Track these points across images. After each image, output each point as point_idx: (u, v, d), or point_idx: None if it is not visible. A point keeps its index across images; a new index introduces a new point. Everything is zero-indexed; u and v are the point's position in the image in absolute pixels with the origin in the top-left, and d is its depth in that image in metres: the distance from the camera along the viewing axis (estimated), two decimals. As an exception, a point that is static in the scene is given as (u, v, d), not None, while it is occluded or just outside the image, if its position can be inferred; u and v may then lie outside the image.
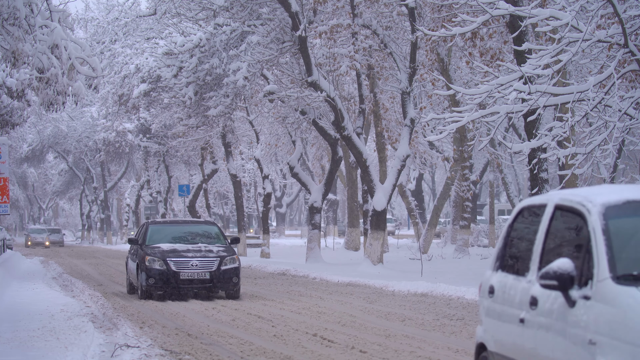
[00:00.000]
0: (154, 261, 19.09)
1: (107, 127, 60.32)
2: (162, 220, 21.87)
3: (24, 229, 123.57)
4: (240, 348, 12.08)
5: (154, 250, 19.47)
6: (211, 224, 21.50)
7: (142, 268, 19.20)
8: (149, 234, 20.36)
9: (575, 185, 28.93)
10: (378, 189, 27.30)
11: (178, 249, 19.51)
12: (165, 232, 20.53)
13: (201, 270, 19.12)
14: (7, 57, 15.20)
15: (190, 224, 21.48)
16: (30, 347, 11.46)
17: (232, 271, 19.28)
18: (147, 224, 21.01)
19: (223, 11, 30.45)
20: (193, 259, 19.17)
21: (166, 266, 19.04)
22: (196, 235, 20.59)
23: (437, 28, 23.15)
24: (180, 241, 20.08)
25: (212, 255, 19.32)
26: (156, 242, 20.02)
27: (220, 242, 20.32)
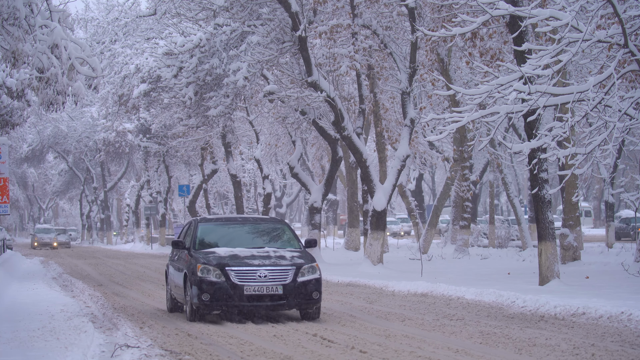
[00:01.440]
0: (209, 271, 14.67)
1: (107, 127, 60.33)
2: (214, 217, 16.94)
3: (24, 229, 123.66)
4: (240, 348, 12.08)
5: (208, 257, 14.98)
6: (279, 222, 16.85)
7: (193, 280, 14.74)
8: (199, 236, 15.89)
9: (576, 186, 28.93)
10: (378, 189, 27.30)
11: (240, 254, 15.02)
12: (220, 232, 16.21)
13: (272, 283, 14.64)
14: (7, 57, 15.20)
15: (252, 222, 16.84)
16: (30, 347, 11.45)
17: (311, 284, 14.87)
18: (195, 223, 16.52)
19: (223, 11, 30.44)
20: (261, 267, 14.69)
21: (225, 278, 14.57)
22: (261, 237, 16.28)
23: (437, 28, 23.16)
24: (241, 244, 15.68)
25: (285, 263, 14.88)
26: (209, 245, 15.63)
27: (293, 245, 15.93)
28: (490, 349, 11.86)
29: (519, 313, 15.88)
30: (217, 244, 15.71)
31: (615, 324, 14.05)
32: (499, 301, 17.39)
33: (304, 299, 14.80)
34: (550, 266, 19.94)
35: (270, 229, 16.54)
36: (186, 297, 15.15)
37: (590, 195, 75.66)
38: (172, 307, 16.82)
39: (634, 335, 12.99)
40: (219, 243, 15.74)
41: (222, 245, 15.56)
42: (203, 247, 15.57)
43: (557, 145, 16.75)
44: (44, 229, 67.55)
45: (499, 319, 15.08)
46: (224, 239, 15.88)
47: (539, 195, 19.84)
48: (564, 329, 13.66)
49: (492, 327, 13.88)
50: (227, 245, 15.59)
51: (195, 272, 14.75)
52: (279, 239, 16.16)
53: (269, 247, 15.57)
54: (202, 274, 14.68)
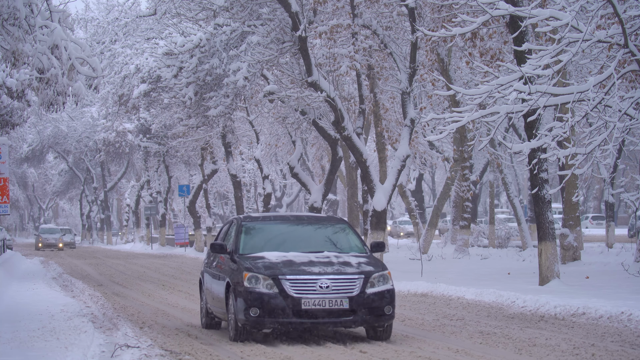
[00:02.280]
0: (258, 280, 12.17)
1: (107, 127, 60.34)
2: (260, 216, 14.45)
3: (24, 229, 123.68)
4: (240, 348, 12.08)
5: (256, 263, 12.49)
6: (338, 221, 14.30)
7: (239, 292, 12.26)
8: (244, 237, 13.42)
9: (576, 186, 28.93)
10: (378, 189, 27.30)
11: (295, 260, 12.54)
12: (269, 233, 13.71)
13: (335, 296, 12.10)
14: (7, 57, 15.20)
15: (307, 221, 14.33)
16: (30, 348, 11.45)
17: (383, 296, 12.34)
18: (238, 222, 13.92)
19: (223, 11, 30.43)
20: (322, 276, 12.17)
21: (278, 289, 12.07)
22: (318, 238, 13.67)
23: (437, 28, 23.16)
24: (295, 247, 13.18)
25: (351, 271, 12.35)
26: (257, 249, 13.17)
27: (357, 248, 13.43)
28: (490, 349, 11.87)
29: (519, 313, 15.88)
30: (266, 247, 13.16)
31: (615, 324, 14.06)
32: (499, 301, 17.39)
33: (375, 314, 12.22)
34: (550, 266, 19.94)
35: (328, 229, 13.85)
36: (228, 312, 12.64)
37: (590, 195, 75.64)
38: (208, 323, 14.29)
39: (634, 335, 12.99)
40: (268, 246, 13.17)
41: (271, 249, 13.02)
42: (249, 251, 13.03)
43: (557, 145, 16.74)
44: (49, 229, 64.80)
45: (499, 319, 15.09)
46: (274, 242, 13.31)
47: (539, 195, 19.84)
48: (564, 329, 13.66)
49: (492, 327, 13.88)
50: (278, 248, 13.04)
51: (241, 281, 12.21)
52: (340, 241, 13.54)
53: (329, 251, 13.01)
54: (249, 284, 12.12)
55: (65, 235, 64.11)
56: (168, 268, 33.87)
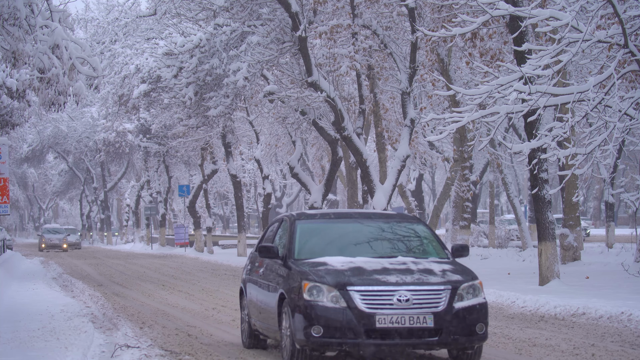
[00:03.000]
0: (321, 292, 9.89)
1: (107, 127, 60.35)
2: (317, 213, 12.05)
3: (24, 229, 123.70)
4: (240, 348, 12.08)
5: (318, 271, 10.22)
6: (411, 219, 11.84)
7: (297, 306, 10.01)
8: (299, 239, 11.14)
9: (576, 186, 28.93)
10: (378, 190, 27.30)
11: (365, 267, 10.24)
12: (329, 233, 11.41)
13: (417, 311, 9.82)
14: (7, 57, 15.20)
15: (374, 219, 11.69)
16: (30, 348, 11.46)
17: (475, 312, 10.06)
18: (291, 220, 11.55)
19: (223, 11, 30.44)
20: (400, 287, 9.87)
21: (346, 302, 9.80)
22: (389, 240, 11.32)
23: (437, 28, 23.16)
24: (362, 251, 10.89)
25: (435, 281, 10.07)
26: (315, 253, 10.87)
27: (436, 252, 11.10)
28: (490, 349, 11.87)
29: (519, 313, 15.88)
30: (327, 250, 10.88)
31: (615, 324, 14.06)
32: (499, 301, 17.39)
33: (464, 334, 9.96)
34: (550, 266, 19.94)
35: (400, 229, 11.53)
36: (282, 330, 10.45)
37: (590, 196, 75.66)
38: (251, 343, 12.17)
39: (634, 335, 13.00)
40: (329, 250, 10.91)
41: (333, 253, 10.76)
42: (306, 256, 10.76)
43: (557, 146, 16.75)
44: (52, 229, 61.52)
45: (499, 319, 15.09)
46: (335, 244, 11.08)
47: (539, 196, 19.85)
48: (564, 329, 13.67)
49: (492, 327, 13.89)
50: (342, 252, 10.78)
51: (300, 293, 9.94)
52: (416, 244, 11.29)
53: (404, 256, 10.76)
54: (310, 297, 9.86)
55: (70, 235, 61.39)
56: (168, 268, 33.88)
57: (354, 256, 10.64)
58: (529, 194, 38.82)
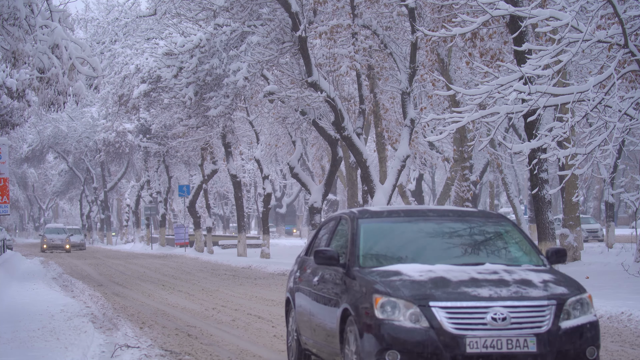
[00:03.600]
0: (397, 308, 8.03)
1: (107, 127, 60.38)
2: (384, 210, 9.90)
3: (24, 229, 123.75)
4: (240, 348, 12.08)
5: (390, 282, 8.29)
6: (496, 218, 9.67)
7: (366, 325, 8.10)
8: (364, 242, 9.15)
9: (576, 186, 28.94)
10: (378, 190, 27.30)
11: (448, 277, 8.31)
12: (401, 235, 9.35)
13: (517, 333, 7.92)
14: (7, 57, 15.21)
15: (451, 218, 9.59)
16: (30, 348, 11.45)
17: (585, 334, 8.21)
18: (352, 219, 9.53)
19: (223, 11, 30.45)
20: (494, 302, 7.99)
21: (429, 321, 7.93)
22: (472, 244, 9.31)
23: (437, 28, 23.16)
24: (441, 257, 8.93)
25: (537, 294, 8.16)
26: (385, 259, 8.95)
27: (529, 259, 9.11)
28: None
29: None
30: (399, 256, 8.94)
31: (615, 324, 14.06)
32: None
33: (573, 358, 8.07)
34: (550, 266, 19.92)
35: (484, 230, 9.45)
36: (345, 353, 8.58)
37: (590, 196, 75.66)
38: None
39: (634, 335, 12.99)
40: (401, 255, 8.97)
41: (407, 259, 8.85)
42: (374, 263, 8.84)
43: (557, 146, 16.75)
44: (55, 228, 58.56)
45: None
46: (409, 248, 9.10)
47: (539, 196, 19.85)
48: (564, 329, 13.65)
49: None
50: (417, 258, 8.85)
51: (370, 309, 8.06)
52: (504, 248, 9.25)
53: (493, 263, 8.79)
54: (383, 314, 7.98)
55: (73, 235, 58.72)
56: (168, 268, 33.88)
57: (432, 263, 8.66)
58: (529, 194, 38.82)
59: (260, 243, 49.63)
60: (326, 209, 70.71)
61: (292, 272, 10.88)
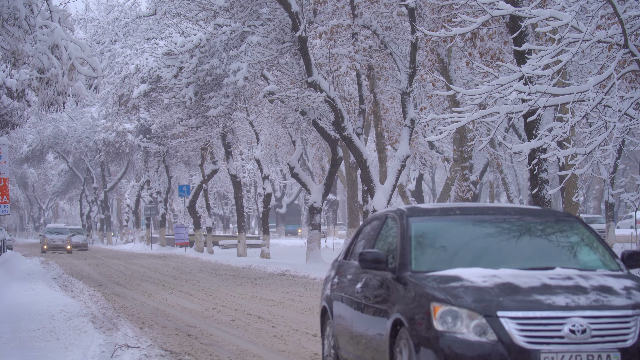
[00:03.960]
0: (460, 319, 7.08)
1: (107, 127, 60.39)
2: (436, 208, 8.82)
3: (24, 229, 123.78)
4: (240, 348, 12.08)
5: (451, 288, 7.34)
6: (564, 216, 8.68)
7: (423, 338, 7.17)
8: (416, 244, 8.14)
9: (576, 186, 28.95)
10: (378, 190, 27.30)
11: (517, 283, 7.35)
12: (457, 236, 8.34)
13: (598, 347, 6.99)
14: (7, 57, 15.21)
15: (513, 217, 8.54)
16: (31, 348, 11.45)
17: None
18: (401, 218, 8.47)
19: (223, 11, 30.46)
20: (572, 312, 7.05)
21: (497, 334, 6.97)
22: (539, 246, 8.27)
23: (437, 28, 23.15)
24: (505, 261, 7.94)
25: (619, 303, 7.20)
26: (441, 263, 7.94)
27: (603, 262, 8.15)
28: None
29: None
30: (457, 259, 7.94)
31: None
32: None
33: None
34: (550, 266, 19.90)
35: (552, 230, 8.37)
36: None
37: (590, 196, 75.70)
38: None
39: (634, 335, 12.98)
40: (459, 258, 7.96)
41: (466, 263, 7.82)
42: (429, 267, 7.81)
43: (557, 146, 16.74)
44: (56, 228, 56.44)
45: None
46: (468, 250, 8.09)
47: (539, 196, 19.84)
48: (564, 329, 13.65)
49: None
50: (478, 262, 7.84)
51: (428, 320, 7.10)
52: (575, 250, 8.26)
53: (564, 267, 7.82)
54: (444, 325, 7.02)
55: (75, 235, 56.90)
56: (168, 268, 33.88)
57: (496, 267, 7.68)
58: (529, 194, 38.83)
59: (260, 243, 49.64)
60: (326, 209, 70.74)
61: (327, 278, 9.84)
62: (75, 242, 56.00)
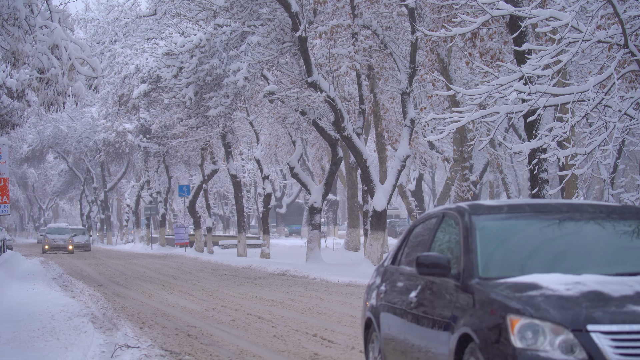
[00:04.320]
0: (542, 334, 5.93)
1: (107, 127, 60.40)
2: (503, 204, 7.64)
3: (24, 229, 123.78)
4: (240, 348, 12.07)
5: (528, 298, 6.14)
6: None
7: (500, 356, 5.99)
8: (482, 246, 7.04)
9: (576, 186, 28.93)
10: (378, 190, 27.30)
11: (605, 291, 6.19)
12: (529, 237, 7.23)
13: None
14: (7, 57, 15.21)
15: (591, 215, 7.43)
16: (31, 348, 11.45)
17: None
18: (463, 216, 7.38)
19: (223, 11, 30.47)
20: None
21: (588, 353, 5.82)
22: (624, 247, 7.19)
23: (437, 28, 23.16)
24: (586, 265, 6.88)
25: None
26: (512, 268, 6.83)
27: None
28: None
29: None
30: (531, 264, 6.88)
31: None
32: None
33: None
34: (550, 266, 19.90)
35: (635, 229, 7.33)
36: None
37: (590, 196, 75.70)
38: None
39: None
40: (534, 262, 6.91)
41: (542, 268, 6.80)
42: (499, 273, 6.78)
43: (557, 146, 16.75)
44: (57, 228, 54.80)
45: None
46: (542, 253, 7.05)
47: (539, 196, 19.84)
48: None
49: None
50: (555, 267, 6.83)
51: (503, 334, 6.07)
52: None
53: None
54: (523, 341, 5.99)
55: (77, 236, 55.93)
56: (168, 268, 33.88)
57: (577, 272, 6.64)
58: (529, 194, 38.83)
59: (260, 243, 49.65)
60: (326, 209, 70.74)
61: (371, 286, 8.74)
62: (77, 242, 55.17)
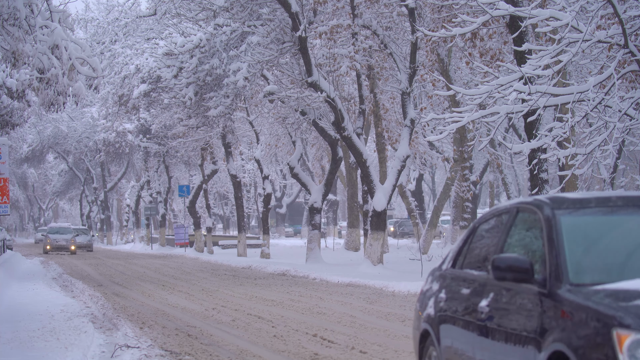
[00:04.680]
0: None
1: (107, 127, 60.39)
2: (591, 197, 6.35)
3: (24, 229, 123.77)
4: (240, 348, 12.08)
5: (638, 309, 5.02)
6: None
7: None
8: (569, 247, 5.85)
9: (576, 186, 28.94)
10: (378, 190, 27.30)
11: None
12: (627, 235, 6.02)
13: None
14: (7, 57, 15.21)
15: None
16: (31, 348, 11.46)
17: None
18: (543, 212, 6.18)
19: (223, 12, 30.47)
20: None
21: None
22: None
23: (437, 28, 23.16)
24: None
25: None
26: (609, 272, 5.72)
27: None
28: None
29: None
30: (631, 267, 5.85)
31: None
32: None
33: None
34: (550, 266, 19.89)
35: None
36: None
37: (590, 196, 75.75)
38: None
39: None
40: (633, 265, 5.87)
41: None
42: (592, 278, 5.77)
43: (557, 146, 16.75)
44: (59, 228, 53.24)
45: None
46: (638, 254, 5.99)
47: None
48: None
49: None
50: None
51: (608, 352, 4.98)
52: None
53: None
54: None
55: (79, 236, 54.89)
56: (168, 268, 33.88)
57: None
58: (529, 194, 38.84)
59: (260, 243, 49.65)
60: (326, 209, 70.74)
61: (426, 292, 7.72)
62: (79, 242, 54.27)
